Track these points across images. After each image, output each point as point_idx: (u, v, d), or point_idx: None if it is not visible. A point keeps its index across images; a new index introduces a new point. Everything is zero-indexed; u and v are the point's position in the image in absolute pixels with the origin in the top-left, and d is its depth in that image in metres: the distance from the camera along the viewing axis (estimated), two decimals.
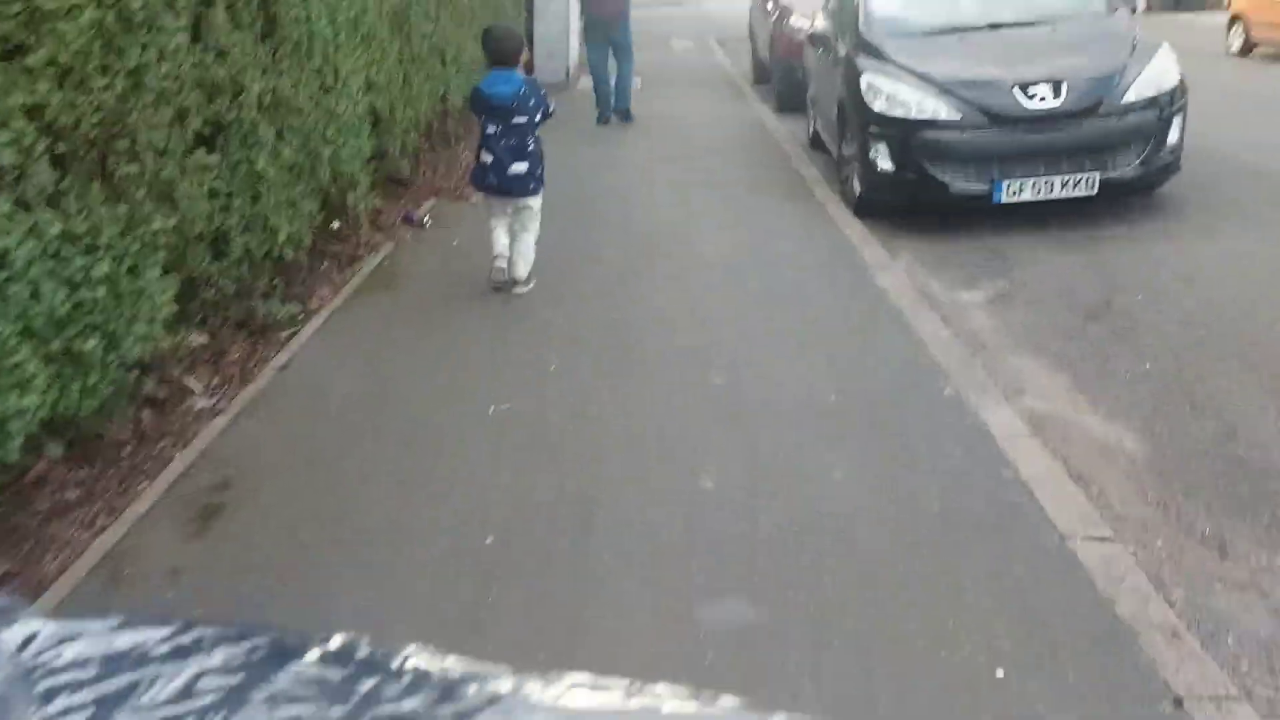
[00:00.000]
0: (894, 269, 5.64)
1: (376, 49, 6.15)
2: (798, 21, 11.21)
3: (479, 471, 3.39)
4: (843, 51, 7.49)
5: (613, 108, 10.63)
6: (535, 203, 5.17)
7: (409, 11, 7.05)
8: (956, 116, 6.29)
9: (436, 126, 8.26)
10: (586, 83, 11.50)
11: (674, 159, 8.71)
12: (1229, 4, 16.34)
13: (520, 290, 5.19)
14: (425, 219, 6.43)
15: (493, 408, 3.86)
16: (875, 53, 6.96)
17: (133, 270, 3.11)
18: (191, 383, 3.80)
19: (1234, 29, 15.65)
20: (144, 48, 3.15)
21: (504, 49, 5.08)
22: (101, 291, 2.89)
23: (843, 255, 5.86)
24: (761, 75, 13.66)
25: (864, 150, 6.68)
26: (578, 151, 8.87)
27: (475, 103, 5.13)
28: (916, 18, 7.38)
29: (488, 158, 5.04)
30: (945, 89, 6.38)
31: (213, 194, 3.76)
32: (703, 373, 4.17)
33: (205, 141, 3.77)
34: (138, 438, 3.42)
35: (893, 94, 6.52)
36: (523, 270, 5.18)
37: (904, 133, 6.41)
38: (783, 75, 11.53)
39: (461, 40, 8.80)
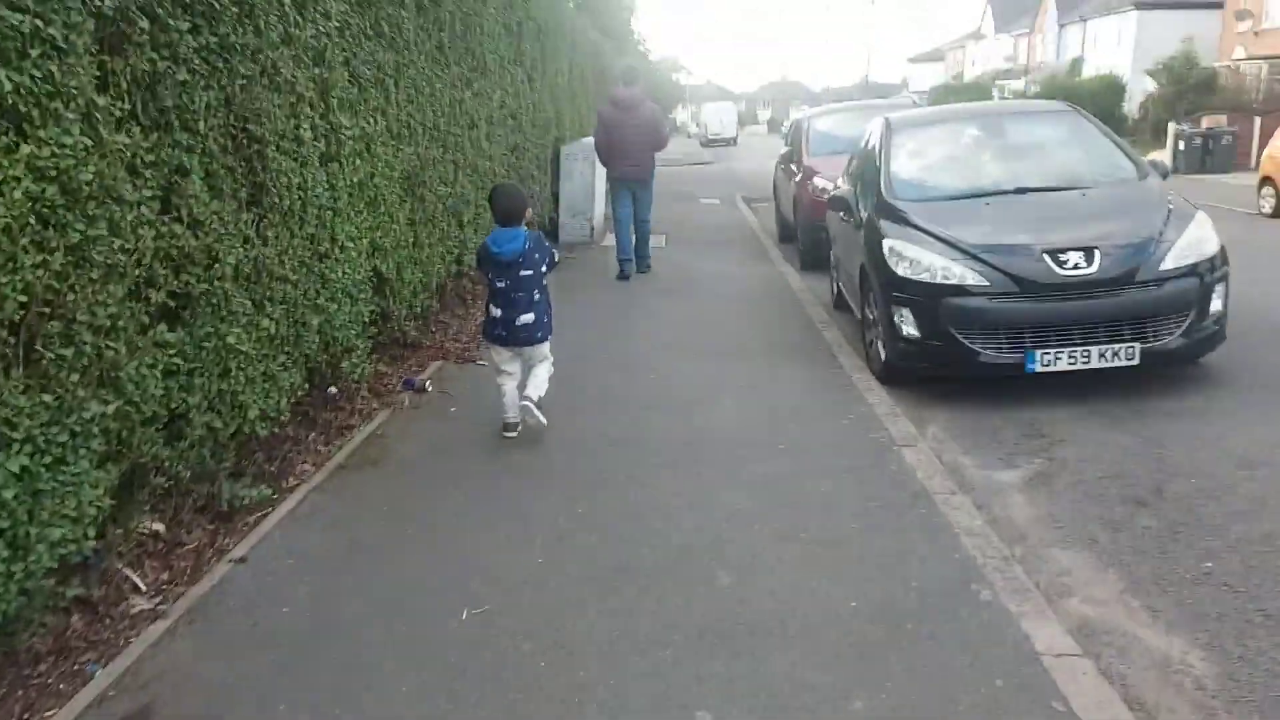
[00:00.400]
0: (922, 445, 5.23)
1: (384, 212, 5.99)
2: (821, 182, 11.19)
3: (439, 706, 2.94)
4: (865, 214, 7.29)
5: (634, 262, 10.73)
6: (544, 348, 5.37)
7: (423, 174, 6.95)
8: (984, 283, 5.99)
9: (450, 286, 8.08)
10: (610, 240, 11.56)
11: (692, 320, 8.45)
12: (1260, 165, 16.30)
13: (531, 419, 5.25)
14: (427, 384, 6.13)
15: (466, 612, 3.43)
16: (898, 217, 6.74)
17: (57, 463, 2.78)
18: (136, 579, 3.41)
19: (1265, 190, 15.54)
20: (91, 220, 2.90)
21: (510, 207, 5.22)
22: (11, 492, 2.55)
23: (866, 428, 5.46)
24: (786, 234, 13.63)
25: (888, 316, 6.38)
26: (594, 310, 8.64)
27: (483, 259, 5.29)
28: (940, 181, 7.19)
29: (497, 311, 5.19)
30: (972, 254, 6.11)
31: (171, 371, 3.46)
32: (707, 572, 3.73)
33: (168, 316, 3.50)
34: (59, 650, 3.02)
35: (916, 259, 6.25)
36: (535, 393, 5.28)
37: (929, 298, 6.12)
38: (807, 235, 11.45)
39: (481, 201, 8.71)
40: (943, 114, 9.02)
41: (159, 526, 3.68)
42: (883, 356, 6.59)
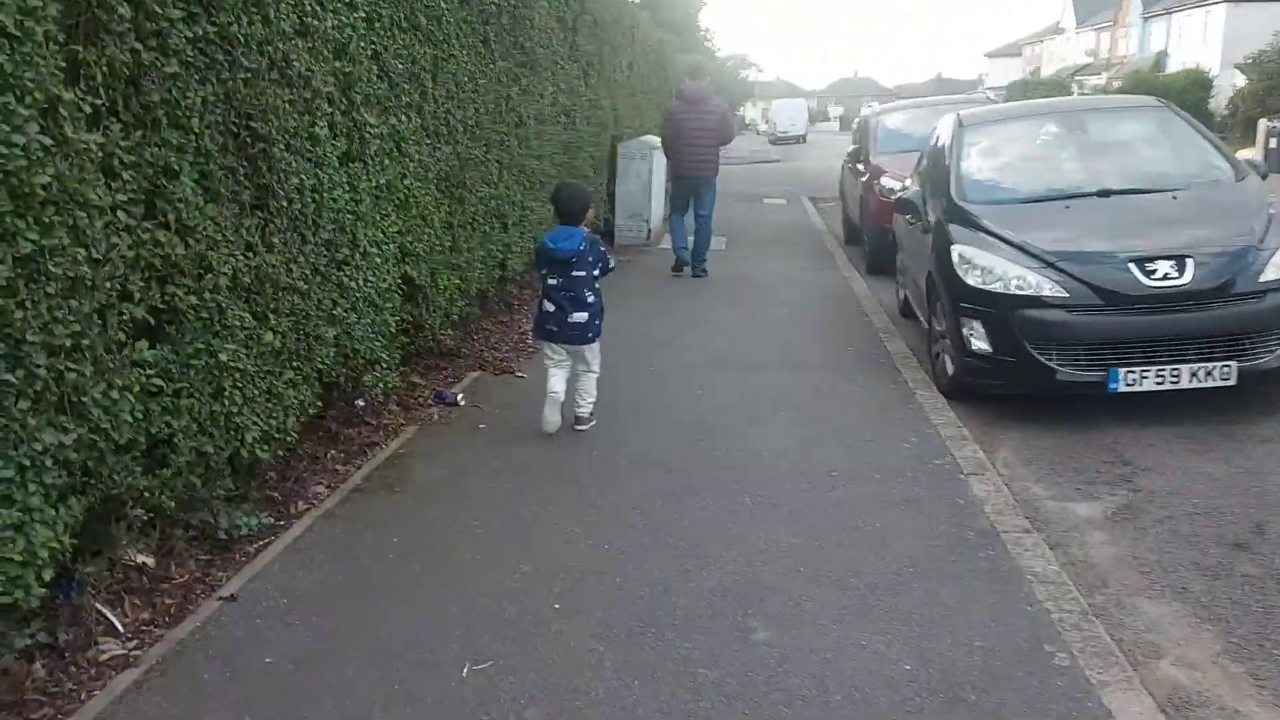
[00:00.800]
0: (990, 473, 4.76)
1: (416, 215, 5.68)
2: (888, 182, 10.72)
3: None
4: (933, 218, 6.81)
5: (688, 264, 10.52)
6: (594, 348, 5.39)
7: (463, 175, 6.63)
8: (1063, 294, 5.49)
9: (493, 292, 7.76)
10: (668, 242, 11.31)
11: (747, 329, 8.02)
12: None
13: (581, 428, 5.39)
14: (459, 397, 5.80)
15: (468, 667, 3.06)
16: (968, 221, 6.25)
17: (2, 500, 2.48)
18: (114, 618, 3.12)
19: None
20: (47, 229, 2.60)
21: (570, 207, 5.37)
22: None
23: (930, 453, 5.00)
24: (852, 236, 13.16)
25: (956, 328, 5.91)
26: (643, 318, 8.24)
27: (539, 255, 5.38)
28: (1015, 182, 6.68)
29: (550, 306, 5.26)
30: (1049, 262, 5.61)
31: (152, 393, 3.16)
32: (742, 624, 3.32)
33: (150, 331, 3.20)
34: (14, 703, 2.73)
35: (988, 267, 5.77)
36: (585, 408, 5.42)
37: (1001, 310, 5.63)
38: (874, 237, 11.00)
39: (528, 203, 8.39)
40: (1019, 110, 8.47)
41: (147, 559, 3.39)
42: (950, 372, 6.12)
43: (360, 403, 5.24)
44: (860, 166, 12.48)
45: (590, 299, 5.24)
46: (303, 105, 4.21)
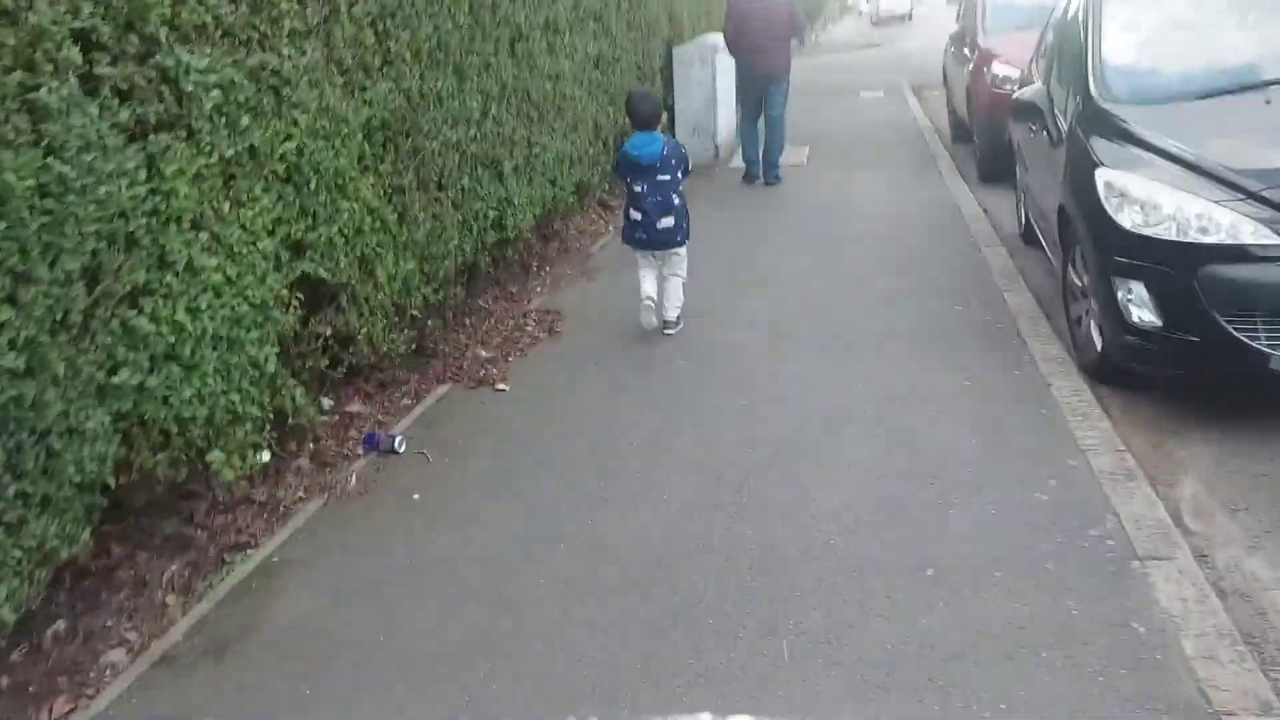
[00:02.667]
0: (1181, 551, 2.98)
1: (321, 187, 4.03)
2: (1001, 69, 8.65)
3: None
4: (1064, 125, 4.86)
5: (758, 177, 9.62)
6: (682, 253, 5.44)
7: (419, 118, 4.93)
8: (1274, 238, 3.58)
9: (488, 263, 6.06)
10: (739, 161, 9.93)
11: (820, 282, 6.14)
12: None
13: (670, 331, 5.38)
14: (397, 442, 4.14)
15: None
16: (1117, 129, 4.32)
17: None
18: None
19: None
20: None
21: (643, 113, 5.35)
22: None
23: (1078, 514, 3.24)
24: (960, 133, 11.08)
25: (1108, 290, 4.05)
26: (693, 270, 6.42)
27: (621, 164, 5.39)
28: (1185, 68, 4.64)
29: (637, 215, 5.31)
30: (1246, 190, 3.69)
31: None
32: None
33: None
34: None
35: (1151, 200, 3.89)
36: (673, 313, 5.42)
37: (1176, 264, 3.77)
38: (985, 136, 8.99)
39: (538, 138, 6.65)
40: None
41: None
42: (1098, 345, 4.29)
43: (244, 469, 3.62)
44: (966, 51, 10.34)
45: (676, 202, 5.29)
46: (8, 56, 2.58)
